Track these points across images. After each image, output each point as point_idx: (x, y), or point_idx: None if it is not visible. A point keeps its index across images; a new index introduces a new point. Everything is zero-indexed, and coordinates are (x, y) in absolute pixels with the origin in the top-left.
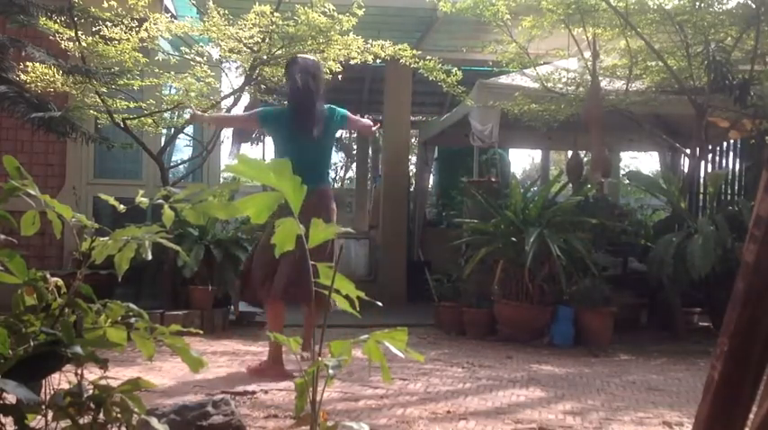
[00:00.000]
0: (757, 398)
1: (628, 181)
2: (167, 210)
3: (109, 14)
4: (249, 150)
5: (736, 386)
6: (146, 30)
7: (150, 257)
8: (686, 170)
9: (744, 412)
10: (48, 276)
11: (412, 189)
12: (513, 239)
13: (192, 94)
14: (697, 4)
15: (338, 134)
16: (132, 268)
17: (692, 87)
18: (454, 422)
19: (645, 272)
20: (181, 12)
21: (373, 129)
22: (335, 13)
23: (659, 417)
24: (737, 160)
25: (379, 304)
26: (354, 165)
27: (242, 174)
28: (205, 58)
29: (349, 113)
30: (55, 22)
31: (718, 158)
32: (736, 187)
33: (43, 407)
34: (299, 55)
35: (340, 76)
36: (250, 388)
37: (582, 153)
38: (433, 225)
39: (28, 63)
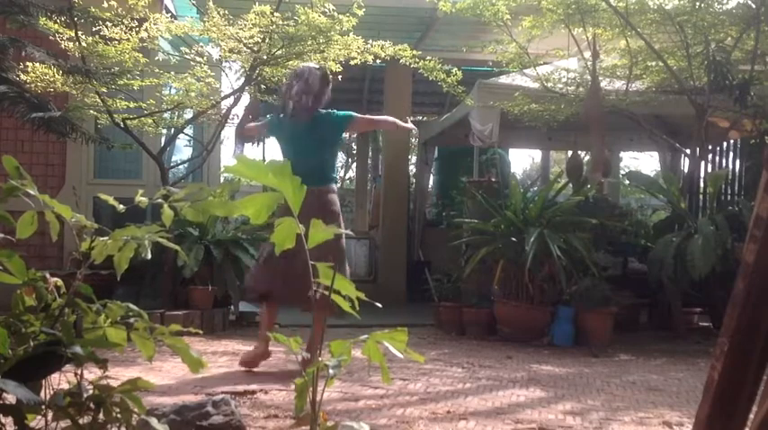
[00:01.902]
0: (757, 398)
1: (628, 181)
2: (167, 210)
3: (109, 14)
4: (252, 150)
5: (736, 386)
6: (146, 30)
7: (150, 256)
8: (686, 170)
9: (744, 412)
10: (47, 276)
11: (412, 189)
12: (513, 239)
13: (192, 94)
14: (697, 4)
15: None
16: (132, 268)
17: (692, 87)
18: (454, 422)
19: (645, 272)
20: (181, 12)
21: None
22: (335, 14)
23: (659, 417)
24: (737, 160)
25: (379, 305)
26: (354, 165)
27: (241, 175)
28: (205, 58)
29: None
30: (55, 22)
31: (718, 158)
32: (736, 187)
33: (43, 407)
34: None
35: (340, 77)
36: (250, 388)
37: (582, 153)
38: (433, 225)
39: (28, 63)
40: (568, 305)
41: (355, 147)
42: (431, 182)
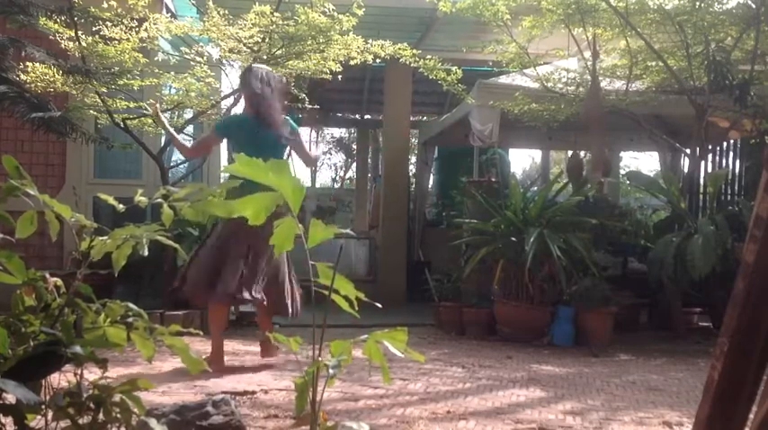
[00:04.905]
0: (757, 398)
1: (628, 181)
2: (166, 209)
3: (109, 14)
4: None
5: (736, 386)
6: (146, 30)
7: (147, 253)
8: (686, 170)
9: (744, 412)
10: (47, 276)
11: (412, 189)
12: (513, 239)
13: (192, 94)
14: (697, 4)
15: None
16: (132, 268)
17: (692, 87)
18: (454, 422)
19: (645, 272)
20: (181, 12)
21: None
22: (335, 13)
23: (659, 417)
24: (737, 160)
25: (379, 305)
26: (354, 165)
27: (240, 175)
28: (205, 58)
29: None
30: (55, 22)
31: (718, 158)
32: (736, 187)
33: (43, 407)
34: (253, 64)
35: (340, 77)
36: (250, 388)
37: (582, 153)
38: (433, 225)
39: (28, 63)
40: (568, 305)
41: (355, 147)
42: (431, 182)
